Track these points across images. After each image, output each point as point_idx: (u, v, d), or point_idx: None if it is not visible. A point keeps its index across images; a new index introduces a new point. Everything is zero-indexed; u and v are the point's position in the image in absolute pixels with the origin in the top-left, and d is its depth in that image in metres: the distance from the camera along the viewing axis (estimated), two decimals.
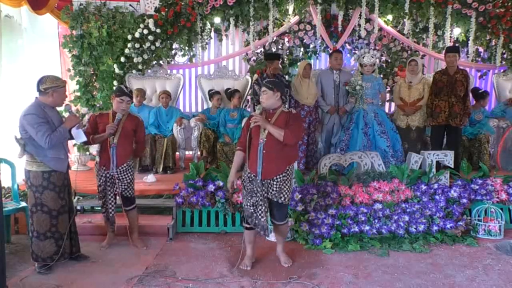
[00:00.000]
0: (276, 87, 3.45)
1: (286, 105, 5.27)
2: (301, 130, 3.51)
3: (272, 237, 4.15)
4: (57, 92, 3.40)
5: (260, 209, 3.46)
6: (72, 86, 6.09)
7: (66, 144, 3.63)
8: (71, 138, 3.55)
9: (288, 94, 5.33)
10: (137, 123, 3.98)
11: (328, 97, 5.57)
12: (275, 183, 3.45)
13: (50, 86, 3.35)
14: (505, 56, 6.49)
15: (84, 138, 3.56)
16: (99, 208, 4.69)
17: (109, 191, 3.89)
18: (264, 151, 3.41)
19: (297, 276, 3.48)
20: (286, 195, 3.50)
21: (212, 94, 6.01)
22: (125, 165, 3.89)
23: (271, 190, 3.47)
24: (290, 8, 6.07)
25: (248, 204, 3.49)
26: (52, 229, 3.47)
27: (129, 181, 3.94)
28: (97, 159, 3.90)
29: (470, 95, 5.52)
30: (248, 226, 3.55)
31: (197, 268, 3.66)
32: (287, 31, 6.58)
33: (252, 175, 3.47)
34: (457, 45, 6.42)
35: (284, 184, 3.48)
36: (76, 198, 4.75)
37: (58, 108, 3.60)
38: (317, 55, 7.00)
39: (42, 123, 3.29)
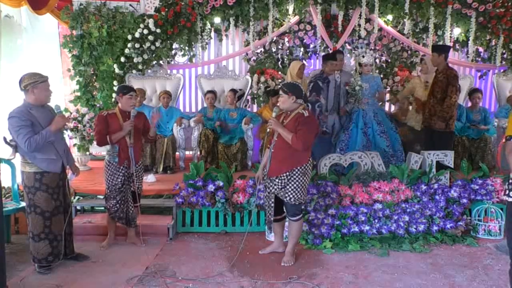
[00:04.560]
0: (291, 91, 3.53)
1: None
2: (309, 136, 3.49)
3: (271, 237, 4.15)
4: (38, 88, 3.31)
5: (268, 203, 3.71)
6: (72, 86, 6.10)
7: (61, 144, 3.56)
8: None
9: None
10: (144, 118, 4.11)
11: (328, 97, 5.57)
12: (278, 181, 3.56)
13: (29, 83, 3.28)
14: (505, 56, 6.49)
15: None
16: (100, 208, 4.72)
17: (127, 189, 3.98)
18: (272, 150, 3.59)
19: (297, 276, 3.48)
20: (291, 195, 3.54)
21: (204, 94, 6.03)
22: (140, 162, 4.07)
23: (276, 188, 3.59)
24: (290, 8, 6.07)
25: (264, 196, 3.83)
26: (46, 230, 3.44)
27: (142, 178, 4.16)
28: (114, 159, 3.88)
29: (454, 97, 5.01)
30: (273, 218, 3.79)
31: (197, 268, 3.67)
32: (287, 31, 6.58)
33: (265, 172, 3.70)
34: (440, 43, 6.32)
35: (289, 185, 3.53)
36: (76, 198, 4.75)
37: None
38: (317, 55, 7.00)
39: (23, 126, 3.22)
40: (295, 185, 3.53)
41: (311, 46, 6.93)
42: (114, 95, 5.59)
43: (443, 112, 4.98)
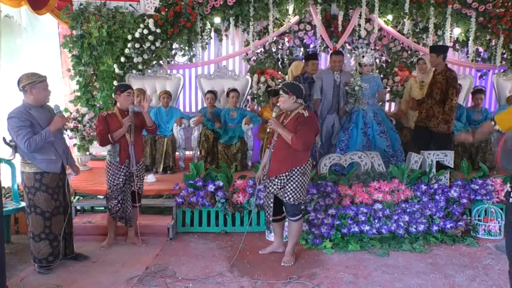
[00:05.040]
0: (291, 91, 3.53)
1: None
2: (309, 136, 3.50)
3: (271, 237, 4.15)
4: (36, 88, 3.30)
5: (267, 203, 3.70)
6: (72, 86, 6.10)
7: (61, 144, 3.54)
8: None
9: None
10: (142, 117, 4.08)
11: (327, 97, 5.57)
12: (277, 180, 3.56)
13: (27, 83, 3.28)
14: (505, 56, 6.49)
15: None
16: (100, 208, 4.72)
17: (128, 189, 3.97)
18: (272, 150, 3.59)
19: (297, 276, 3.48)
20: (291, 195, 3.54)
21: (204, 94, 6.03)
22: (141, 162, 4.06)
23: (275, 188, 3.58)
24: (290, 8, 6.07)
25: (264, 196, 3.84)
26: (46, 231, 3.44)
27: (143, 177, 4.15)
28: (115, 158, 3.87)
29: (455, 99, 5.01)
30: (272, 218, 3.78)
31: (197, 268, 3.67)
32: (287, 31, 6.58)
33: (265, 171, 3.69)
34: (440, 43, 6.36)
35: (289, 185, 3.53)
36: (76, 198, 4.75)
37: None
38: (317, 55, 6.99)
39: (22, 126, 3.22)
40: (294, 185, 3.53)
41: (311, 46, 6.93)
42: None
43: (446, 115, 4.97)
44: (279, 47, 6.83)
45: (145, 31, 5.73)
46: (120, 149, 3.88)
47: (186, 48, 6.26)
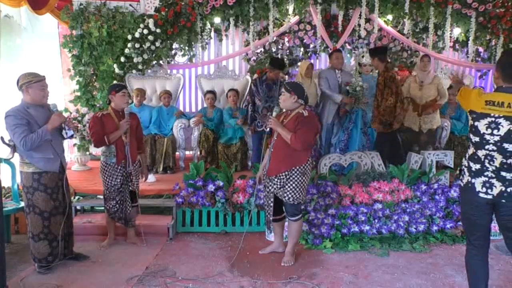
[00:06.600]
0: (293, 90, 3.52)
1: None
2: (309, 135, 3.48)
3: (271, 237, 4.15)
4: (32, 88, 3.29)
5: (267, 203, 3.70)
6: (72, 86, 6.10)
7: (59, 143, 3.54)
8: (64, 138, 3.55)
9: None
10: (138, 119, 4.12)
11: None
12: (276, 180, 3.56)
13: (23, 83, 3.28)
14: None
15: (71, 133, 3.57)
16: (100, 208, 4.72)
17: (126, 189, 3.96)
18: (272, 150, 3.59)
19: (297, 276, 3.48)
20: (290, 195, 3.54)
21: (204, 94, 6.04)
22: (137, 161, 4.05)
23: (275, 187, 3.58)
24: (290, 8, 6.07)
25: (264, 195, 3.84)
26: (45, 231, 3.43)
27: (139, 177, 4.13)
28: (111, 159, 3.86)
29: (389, 99, 4.95)
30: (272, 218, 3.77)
31: (197, 268, 3.67)
32: (287, 31, 6.58)
33: (265, 171, 3.69)
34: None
35: (288, 184, 3.52)
36: (76, 198, 4.75)
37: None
38: (317, 55, 7.01)
39: (19, 124, 3.21)
40: (294, 185, 3.52)
41: (311, 46, 6.93)
42: None
43: (380, 115, 4.96)
44: (279, 47, 6.84)
45: (145, 31, 5.73)
46: (117, 150, 3.87)
47: (186, 48, 6.26)
